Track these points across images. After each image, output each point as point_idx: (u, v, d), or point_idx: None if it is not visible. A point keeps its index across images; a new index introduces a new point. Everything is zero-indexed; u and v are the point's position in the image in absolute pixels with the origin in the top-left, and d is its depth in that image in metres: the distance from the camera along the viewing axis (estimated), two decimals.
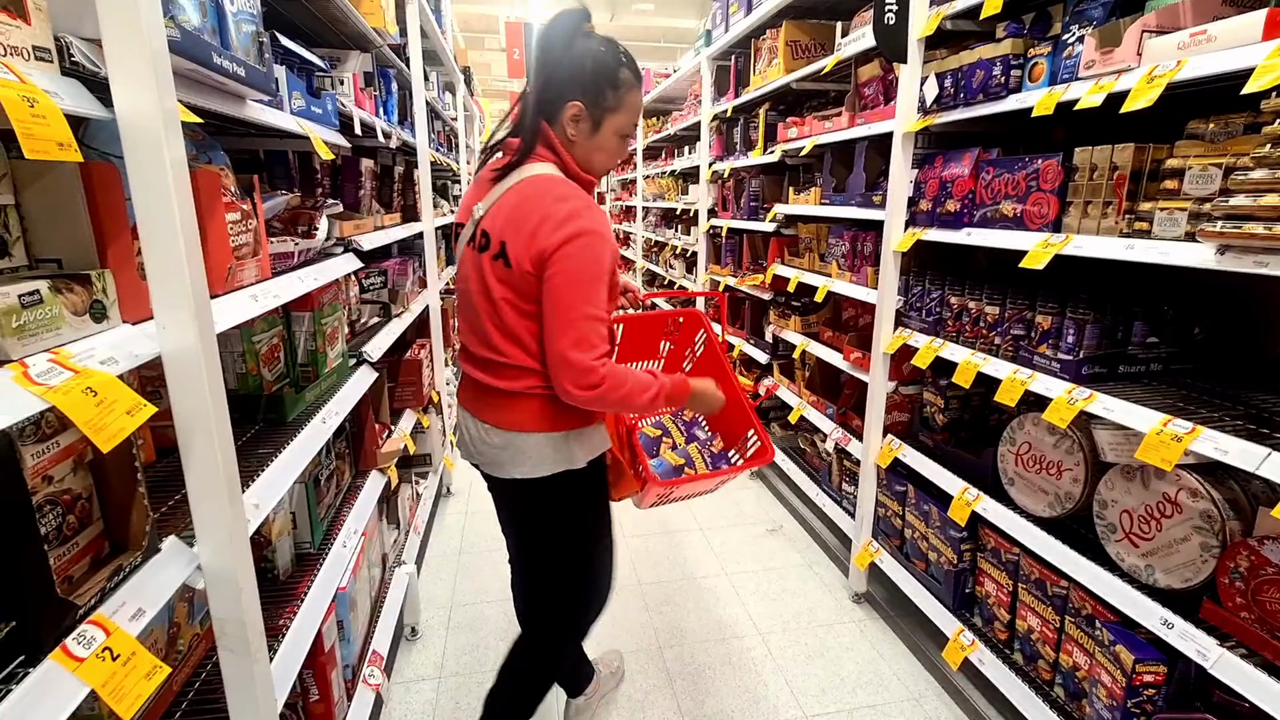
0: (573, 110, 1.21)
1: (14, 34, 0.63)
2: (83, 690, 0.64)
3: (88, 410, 0.61)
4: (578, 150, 1.26)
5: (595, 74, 1.20)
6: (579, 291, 1.14)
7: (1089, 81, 1.35)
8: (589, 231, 1.15)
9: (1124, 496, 1.39)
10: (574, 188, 1.22)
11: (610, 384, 1.16)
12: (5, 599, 0.62)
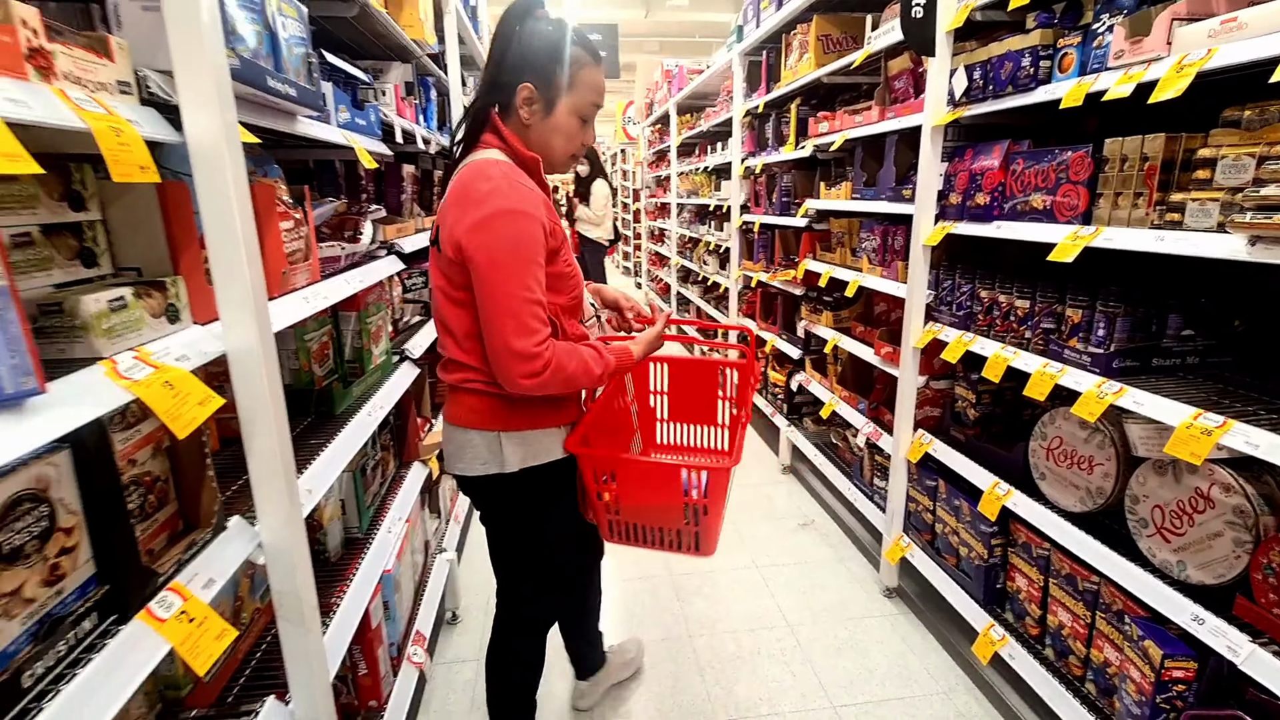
0: (524, 93, 1.19)
1: (101, 71, 0.72)
2: (164, 647, 0.72)
3: (166, 401, 0.70)
4: (534, 134, 1.23)
5: (544, 54, 1.18)
6: (505, 273, 1.09)
7: (1118, 72, 1.34)
8: (509, 210, 1.10)
9: (1156, 491, 1.37)
10: (505, 170, 1.16)
11: (555, 366, 1.13)
12: (101, 566, 0.71)
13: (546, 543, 1.39)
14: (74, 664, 0.65)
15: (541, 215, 1.16)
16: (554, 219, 1.22)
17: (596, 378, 1.21)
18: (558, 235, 1.22)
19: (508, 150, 1.23)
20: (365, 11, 1.74)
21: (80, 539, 0.69)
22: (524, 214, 1.12)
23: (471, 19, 3.15)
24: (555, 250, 1.22)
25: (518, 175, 1.18)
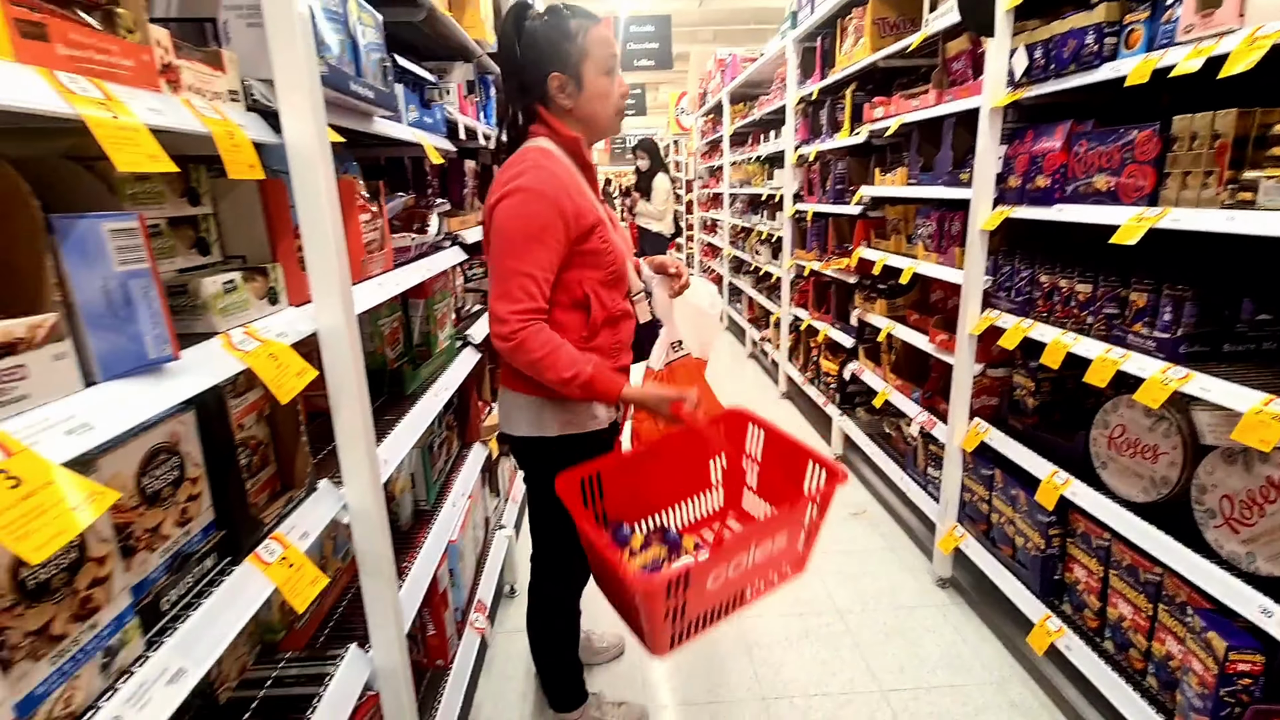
0: (555, 82, 1.30)
1: (216, 82, 0.82)
2: (270, 587, 0.83)
3: (271, 371, 0.80)
4: (577, 110, 1.33)
5: (553, 42, 1.29)
6: (508, 247, 1.22)
7: (1187, 46, 1.29)
8: (524, 189, 1.21)
9: (1225, 480, 1.33)
10: (538, 156, 1.26)
11: (525, 343, 1.21)
12: (218, 514, 0.82)
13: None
14: (199, 595, 0.76)
15: (561, 199, 1.24)
16: (583, 203, 1.29)
17: (561, 380, 1.24)
18: (588, 217, 1.30)
19: (551, 135, 1.34)
20: (432, 15, 1.84)
21: (203, 488, 0.79)
22: (540, 195, 1.23)
23: None
24: (587, 230, 1.30)
25: (552, 161, 1.28)
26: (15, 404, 0.52)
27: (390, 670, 1.15)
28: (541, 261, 1.24)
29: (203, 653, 0.70)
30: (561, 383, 1.26)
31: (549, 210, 1.23)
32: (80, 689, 0.59)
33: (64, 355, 0.56)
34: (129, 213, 0.63)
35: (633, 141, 15.93)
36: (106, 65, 0.63)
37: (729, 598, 1.23)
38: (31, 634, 0.54)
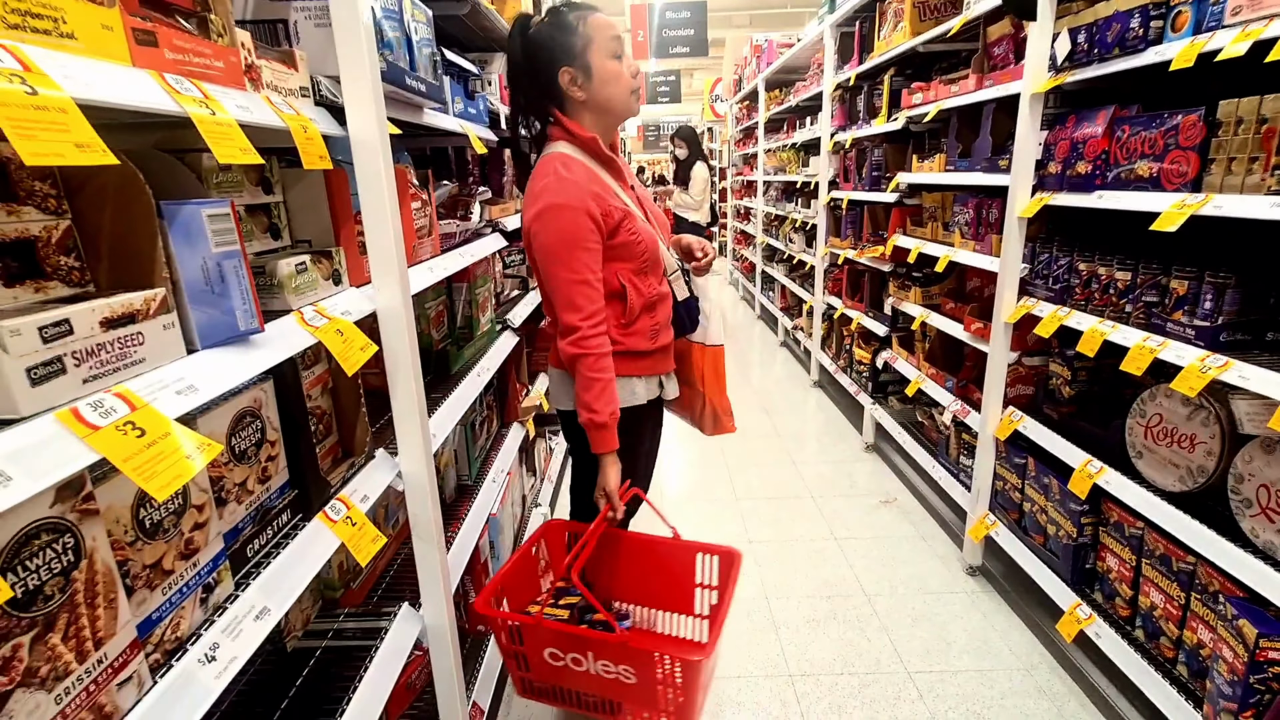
0: (565, 76, 1.35)
1: (289, 79, 0.89)
2: (336, 542, 0.91)
3: (339, 345, 0.87)
4: (592, 101, 1.38)
5: (555, 39, 1.34)
6: (554, 260, 1.31)
7: (1234, 29, 1.27)
8: (549, 208, 1.30)
9: (1263, 470, 1.32)
10: (557, 166, 1.33)
11: (590, 354, 1.31)
12: (292, 474, 0.91)
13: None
14: (277, 546, 0.85)
15: (587, 203, 1.31)
16: (608, 201, 1.35)
17: (585, 404, 1.34)
18: (615, 214, 1.36)
19: (568, 137, 1.40)
20: (475, 8, 1.90)
21: (279, 451, 0.88)
22: (568, 207, 1.30)
23: None
24: (616, 225, 1.37)
25: (571, 167, 1.34)
26: (135, 366, 0.60)
27: (438, 628, 1.23)
28: (589, 264, 1.32)
29: (283, 595, 0.78)
30: (585, 406, 1.35)
31: (578, 217, 1.30)
32: (185, 618, 0.67)
33: (171, 325, 0.64)
34: (223, 200, 0.70)
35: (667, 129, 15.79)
36: (203, 67, 0.70)
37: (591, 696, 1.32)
38: (148, 567, 0.63)
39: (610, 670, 1.23)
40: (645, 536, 1.63)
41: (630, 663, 1.21)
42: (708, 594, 1.57)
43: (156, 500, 0.52)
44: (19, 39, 0.50)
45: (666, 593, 1.62)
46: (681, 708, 1.23)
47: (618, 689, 1.26)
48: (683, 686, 1.20)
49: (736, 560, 1.47)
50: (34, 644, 0.50)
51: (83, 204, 0.62)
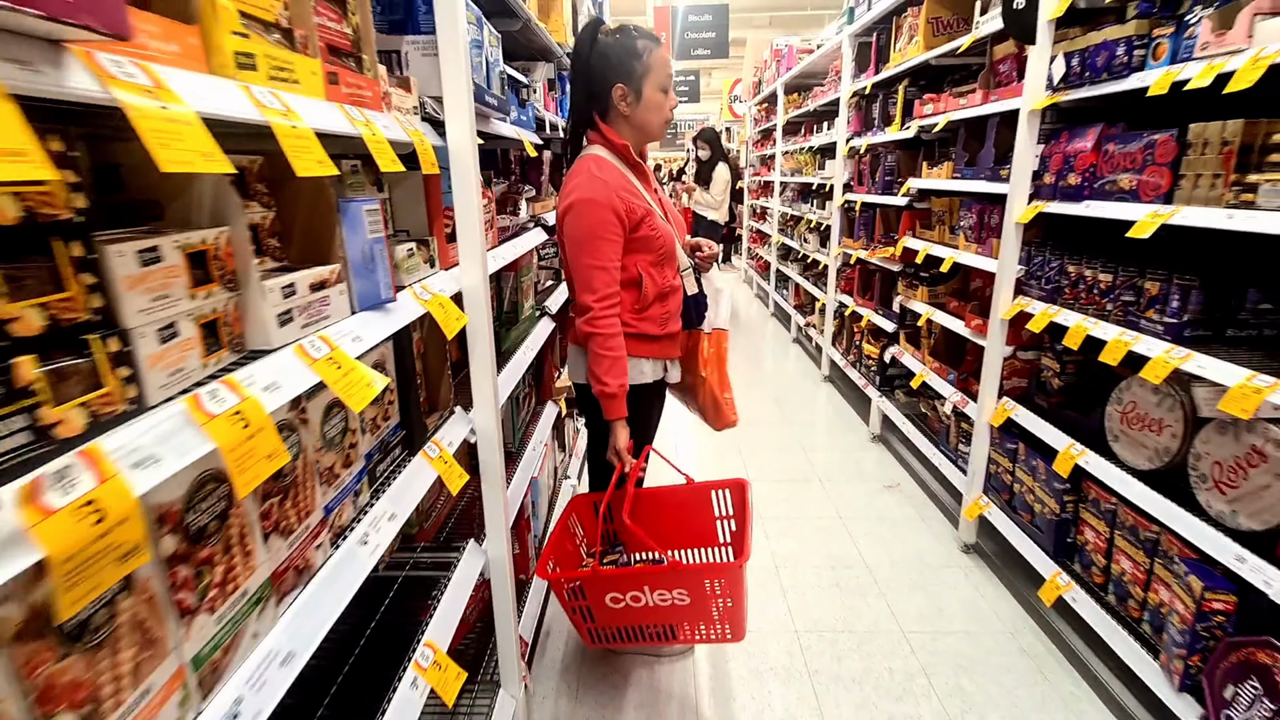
0: (618, 92, 1.56)
1: (406, 100, 1.10)
2: (433, 474, 1.13)
3: (441, 315, 1.09)
4: (633, 119, 1.59)
5: (621, 58, 1.53)
6: (579, 247, 1.52)
7: (1202, 62, 1.45)
8: (580, 201, 1.50)
9: (1216, 449, 1.51)
10: (592, 166, 1.54)
11: (601, 334, 1.51)
12: (401, 418, 1.12)
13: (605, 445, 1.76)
14: (394, 472, 1.07)
15: (613, 200, 1.51)
16: (632, 200, 1.57)
17: (597, 376, 1.55)
18: (638, 211, 1.58)
19: (604, 142, 1.62)
20: (526, 25, 2.11)
21: (395, 398, 1.10)
22: (596, 202, 1.50)
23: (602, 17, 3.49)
24: (639, 221, 1.58)
25: (603, 168, 1.55)
26: (325, 321, 0.81)
27: (499, 560, 1.45)
28: (609, 254, 1.53)
29: (403, 506, 1.00)
30: (595, 378, 1.56)
31: (604, 212, 1.51)
32: (345, 512, 0.89)
33: (343, 292, 0.86)
34: (374, 199, 0.92)
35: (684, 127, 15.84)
36: (361, 96, 0.91)
37: (652, 625, 1.54)
38: (327, 469, 0.84)
39: (666, 598, 1.45)
40: (664, 488, 1.84)
41: (683, 584, 1.43)
42: (727, 524, 1.80)
43: (354, 409, 0.74)
44: (272, 86, 0.71)
45: (691, 532, 1.85)
46: (732, 612, 1.47)
47: (674, 613, 1.48)
48: (730, 592, 1.42)
49: (746, 488, 1.73)
50: (280, 503, 0.72)
51: (282, 200, 0.84)
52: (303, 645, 0.71)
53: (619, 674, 1.94)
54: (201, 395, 0.56)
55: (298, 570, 0.76)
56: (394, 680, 1.04)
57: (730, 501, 1.79)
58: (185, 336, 0.59)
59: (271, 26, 0.73)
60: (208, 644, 0.61)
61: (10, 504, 0.39)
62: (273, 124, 0.64)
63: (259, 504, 0.69)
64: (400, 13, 1.17)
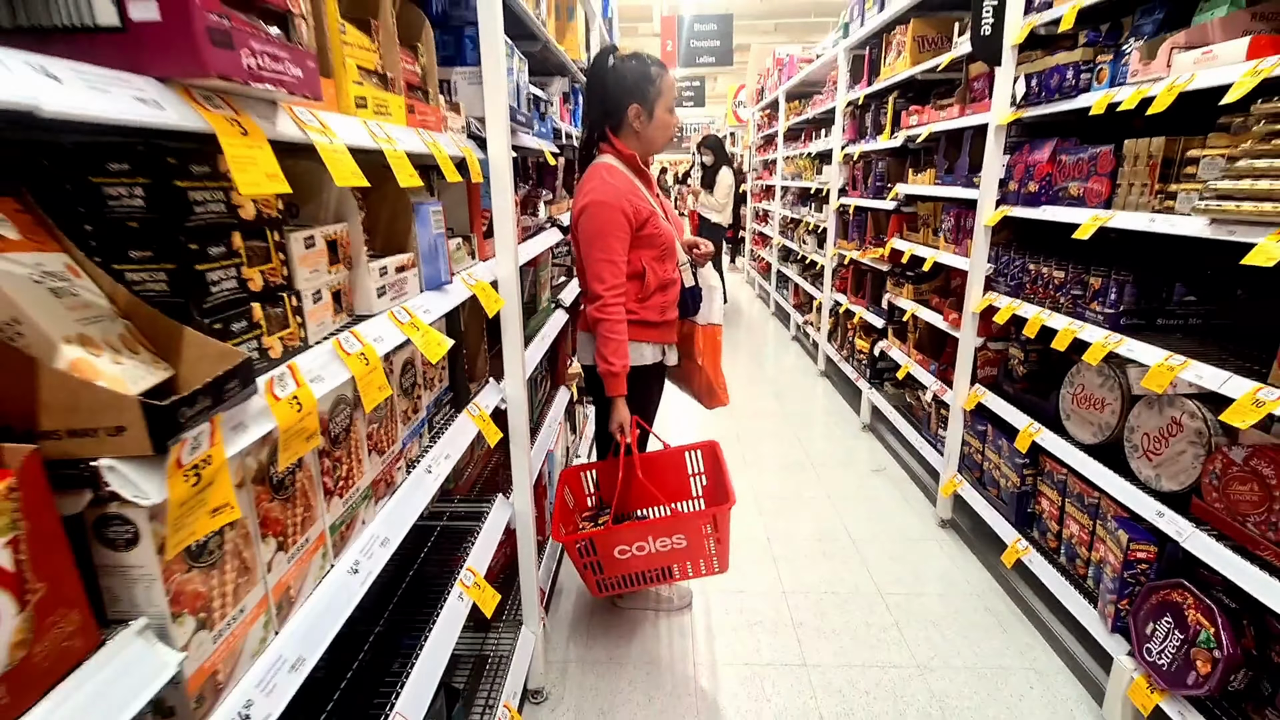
0: (633, 111, 1.80)
1: (456, 122, 1.35)
2: (475, 430, 1.37)
3: (484, 297, 1.33)
4: (643, 136, 1.83)
5: (637, 81, 1.78)
6: (591, 243, 1.74)
7: (1132, 88, 1.69)
8: (593, 203, 1.73)
9: (1146, 422, 1.73)
10: (604, 172, 1.77)
11: (608, 320, 1.73)
12: (451, 381, 1.37)
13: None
14: (443, 428, 1.31)
15: (623, 203, 1.74)
16: (639, 203, 1.80)
17: (603, 356, 1.77)
18: (644, 212, 1.82)
19: (615, 153, 1.87)
20: (545, 46, 2.36)
21: (446, 365, 1.34)
22: (607, 204, 1.73)
23: (609, 32, 3.74)
24: (644, 220, 1.82)
25: (615, 175, 1.79)
26: (404, 296, 1.06)
27: (524, 513, 1.70)
28: (616, 248, 1.77)
29: (454, 451, 1.24)
30: (602, 358, 1.79)
31: (614, 213, 1.74)
32: (414, 449, 1.14)
33: (416, 275, 1.10)
34: (439, 201, 1.16)
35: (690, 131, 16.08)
36: (428, 122, 1.16)
37: (653, 569, 1.78)
38: (403, 411, 1.09)
39: (666, 544, 1.70)
40: (645, 454, 2.08)
41: (682, 530, 1.69)
42: (699, 479, 2.11)
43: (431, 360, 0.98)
44: (378, 120, 0.96)
45: (670, 489, 2.11)
46: (720, 551, 1.73)
47: (672, 556, 1.74)
48: (720, 533, 1.69)
49: (716, 447, 2.02)
50: (377, 430, 0.96)
51: (370, 202, 1.08)
52: (395, 534, 0.95)
53: (625, 625, 2.17)
54: (342, 339, 0.81)
55: (387, 483, 1.01)
56: (443, 595, 1.28)
57: (703, 460, 2.08)
58: (326, 300, 0.84)
59: (372, 73, 0.97)
60: (338, 519, 0.85)
61: (262, 392, 0.63)
62: (383, 149, 0.88)
63: (366, 426, 0.93)
64: (451, 50, 1.41)
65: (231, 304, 0.65)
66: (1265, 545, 1.38)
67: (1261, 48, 1.37)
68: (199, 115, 0.54)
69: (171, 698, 0.57)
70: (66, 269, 0.54)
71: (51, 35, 0.52)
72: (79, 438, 0.48)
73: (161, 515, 0.52)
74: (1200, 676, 1.45)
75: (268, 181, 0.61)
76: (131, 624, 0.53)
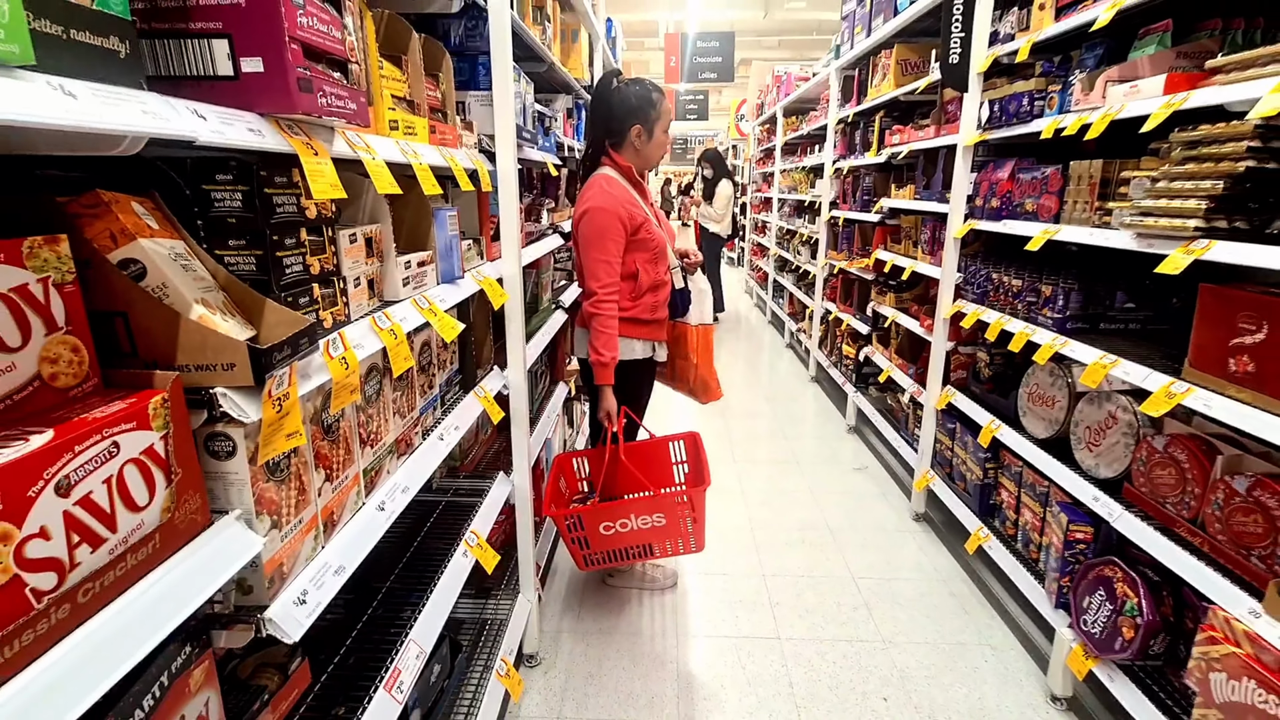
0: (635, 130, 2.01)
1: (470, 139, 1.55)
2: (480, 408, 1.55)
3: (491, 291, 1.52)
4: (642, 153, 2.04)
5: (638, 104, 1.98)
6: (590, 245, 1.93)
7: (1075, 115, 1.88)
8: (593, 209, 1.92)
9: (1088, 416, 1.91)
10: (604, 182, 1.96)
11: (603, 314, 1.92)
12: (460, 365, 1.55)
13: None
14: (453, 405, 1.49)
15: (619, 210, 1.94)
16: (634, 211, 1.99)
17: (595, 348, 1.95)
18: (637, 218, 2.01)
19: (614, 165, 2.08)
20: (551, 67, 2.56)
21: (456, 349, 1.53)
22: (606, 210, 1.93)
23: (612, 50, 3.95)
24: (639, 226, 2.02)
25: (614, 185, 2.02)
26: (424, 287, 1.25)
27: (523, 489, 1.88)
28: (612, 250, 1.96)
29: (462, 424, 1.42)
30: (594, 349, 1.98)
31: (612, 218, 1.94)
32: (429, 419, 1.32)
33: (434, 270, 1.29)
34: (453, 207, 1.36)
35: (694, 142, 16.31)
36: (446, 139, 1.35)
37: (636, 546, 1.94)
38: (420, 384, 1.28)
39: (647, 522, 1.87)
40: (632, 444, 2.26)
41: (661, 509, 1.86)
42: (681, 468, 2.27)
43: (446, 339, 1.17)
44: (406, 139, 1.15)
45: (654, 476, 2.28)
46: (696, 530, 1.91)
47: (652, 534, 1.90)
48: (696, 512, 1.86)
49: (698, 437, 2.20)
50: (400, 396, 1.15)
51: (396, 207, 1.28)
52: (414, 483, 1.13)
53: (614, 601, 2.35)
54: (376, 318, 1.00)
55: (407, 443, 1.19)
56: (450, 553, 1.46)
57: (685, 449, 2.27)
58: (363, 285, 1.03)
59: (402, 99, 1.17)
60: (369, 464, 1.03)
61: (321, 351, 0.82)
62: (411, 163, 1.08)
63: (392, 392, 1.12)
64: (466, 75, 1.61)
65: (299, 284, 0.84)
66: (1180, 523, 1.56)
67: (1177, 83, 1.56)
68: (287, 141, 0.73)
69: (251, 578, 0.76)
70: (186, 251, 0.73)
71: (183, 81, 0.71)
72: (202, 371, 0.66)
73: (253, 434, 0.71)
74: (1125, 641, 1.62)
75: (331, 190, 0.80)
76: (230, 513, 0.71)
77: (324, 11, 0.79)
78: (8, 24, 0.44)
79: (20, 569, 0.49)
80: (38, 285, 0.56)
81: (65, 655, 0.51)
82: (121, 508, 0.57)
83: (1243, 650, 1.30)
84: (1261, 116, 1.26)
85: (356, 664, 1.19)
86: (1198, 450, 1.54)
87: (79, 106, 0.49)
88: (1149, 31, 1.78)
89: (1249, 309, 1.36)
